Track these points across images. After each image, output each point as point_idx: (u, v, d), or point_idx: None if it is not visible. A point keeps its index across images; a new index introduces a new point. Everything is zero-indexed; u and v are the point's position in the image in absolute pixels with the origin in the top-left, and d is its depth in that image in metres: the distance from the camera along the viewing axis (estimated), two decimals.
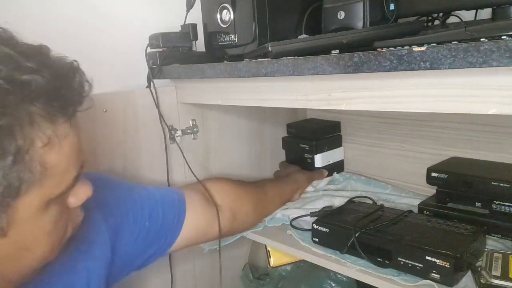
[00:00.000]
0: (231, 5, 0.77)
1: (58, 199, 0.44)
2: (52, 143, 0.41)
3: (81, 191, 0.48)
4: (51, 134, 0.41)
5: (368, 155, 1.08)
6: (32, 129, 0.39)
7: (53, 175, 0.42)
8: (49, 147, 0.40)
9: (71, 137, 0.43)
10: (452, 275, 0.61)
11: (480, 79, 0.44)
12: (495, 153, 0.86)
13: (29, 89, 0.39)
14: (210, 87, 0.79)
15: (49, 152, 0.41)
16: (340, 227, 0.74)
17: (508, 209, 0.73)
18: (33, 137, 0.39)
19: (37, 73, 0.39)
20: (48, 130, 0.40)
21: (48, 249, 0.47)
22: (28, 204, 0.41)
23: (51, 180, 0.42)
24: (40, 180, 0.41)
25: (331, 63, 0.53)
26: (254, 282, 1.04)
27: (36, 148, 0.39)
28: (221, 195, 0.80)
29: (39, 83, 0.39)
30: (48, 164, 0.41)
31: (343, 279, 0.92)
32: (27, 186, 0.40)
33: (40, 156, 0.40)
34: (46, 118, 0.40)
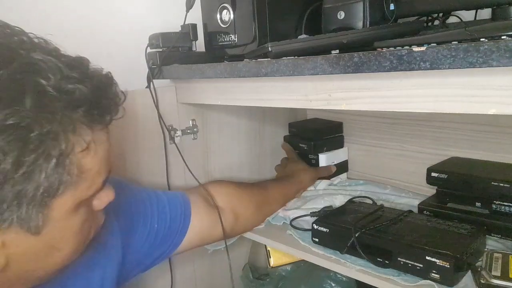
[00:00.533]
0: (231, 5, 0.77)
1: (87, 201, 0.47)
2: (89, 149, 0.44)
3: (104, 194, 0.51)
4: (90, 140, 0.44)
5: (368, 155, 1.08)
6: (74, 135, 0.42)
7: (86, 178, 0.45)
8: (87, 152, 0.44)
9: (105, 144, 0.47)
10: (452, 275, 0.61)
11: (480, 79, 0.44)
12: (495, 153, 0.86)
13: (73, 98, 0.42)
14: (210, 87, 0.79)
15: (86, 157, 0.44)
16: (340, 227, 0.74)
17: (508, 209, 0.73)
18: (74, 142, 0.42)
19: (80, 83, 0.42)
20: (87, 136, 0.44)
21: (75, 249, 0.49)
22: (63, 204, 0.44)
23: (85, 182, 0.45)
24: (76, 182, 0.43)
25: (331, 63, 0.53)
26: (254, 282, 1.04)
27: (75, 152, 0.42)
28: (223, 197, 0.82)
29: (82, 92, 0.42)
30: (83, 167, 0.44)
31: (343, 279, 0.92)
32: (64, 188, 0.42)
33: (78, 160, 0.43)
34: (86, 125, 0.44)
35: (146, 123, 0.83)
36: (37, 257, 0.46)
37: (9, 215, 0.40)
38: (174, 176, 0.89)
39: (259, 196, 0.89)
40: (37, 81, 0.40)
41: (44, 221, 0.43)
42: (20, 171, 0.38)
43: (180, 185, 0.90)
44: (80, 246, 0.50)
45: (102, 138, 0.46)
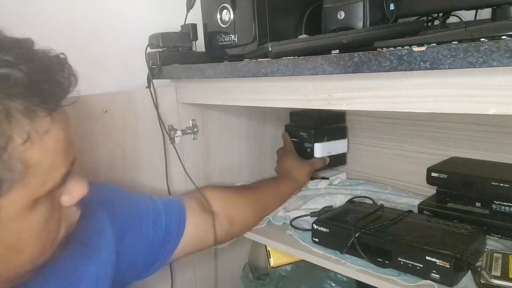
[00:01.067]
0: (231, 5, 0.77)
1: (47, 197, 0.43)
2: (32, 139, 0.39)
3: (74, 188, 0.47)
4: (31, 130, 0.39)
5: (368, 155, 1.08)
6: (9, 125, 0.37)
7: (36, 173, 0.40)
8: (30, 143, 0.39)
9: (54, 133, 0.42)
10: (452, 275, 0.61)
11: (480, 79, 0.44)
12: (495, 153, 0.86)
13: (6, 84, 0.37)
14: (210, 87, 0.79)
15: (30, 149, 0.39)
16: (340, 227, 0.74)
17: (508, 209, 0.73)
18: (11, 133, 0.37)
19: (14, 66, 0.38)
20: (27, 125, 0.39)
21: (38, 250, 0.45)
22: (12, 203, 0.40)
23: (35, 178, 0.40)
24: (22, 178, 0.39)
25: (331, 63, 0.53)
26: (254, 282, 1.04)
27: (15, 145, 0.38)
28: (217, 202, 0.81)
29: (17, 77, 0.38)
30: (29, 161, 0.39)
31: (343, 279, 0.92)
32: (8, 185, 0.38)
33: (20, 153, 0.38)
34: (24, 114, 0.38)
35: (147, 123, 0.83)
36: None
37: None
38: (174, 176, 0.89)
39: (255, 198, 0.88)
40: None
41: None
42: None
43: (181, 185, 0.90)
44: (46, 246, 0.46)
45: (49, 127, 0.41)
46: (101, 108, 0.77)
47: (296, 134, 1.10)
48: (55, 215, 0.46)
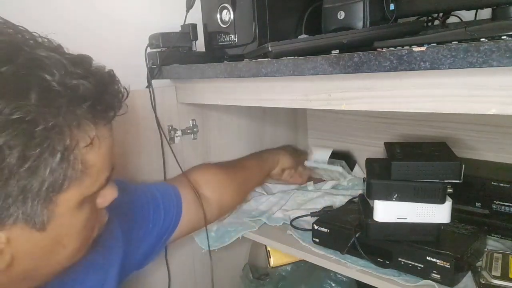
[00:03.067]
0: (231, 5, 0.77)
1: (91, 198, 0.47)
2: (93, 144, 0.44)
3: (108, 192, 0.51)
4: (94, 136, 0.44)
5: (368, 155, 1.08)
6: (78, 130, 0.42)
7: (91, 174, 0.45)
8: (91, 147, 0.44)
9: (108, 139, 0.47)
10: (452, 275, 0.61)
11: (480, 79, 0.44)
12: (495, 153, 0.86)
13: (77, 93, 0.42)
14: (210, 87, 0.79)
15: (90, 152, 0.44)
16: (341, 228, 0.74)
17: (508, 209, 0.73)
18: (79, 137, 0.42)
19: (84, 79, 0.43)
20: (91, 131, 0.44)
21: (79, 246, 0.49)
22: (68, 200, 0.44)
23: (89, 178, 0.45)
24: (80, 178, 0.44)
25: (331, 63, 0.53)
26: (254, 282, 1.04)
27: (80, 147, 0.43)
28: (209, 187, 0.84)
29: (86, 88, 0.43)
30: (88, 163, 0.44)
31: (343, 279, 0.92)
32: (69, 183, 0.43)
33: (83, 155, 0.43)
34: (90, 121, 0.44)
35: (147, 123, 0.83)
36: (42, 254, 0.45)
37: (14, 210, 0.40)
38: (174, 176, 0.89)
39: (240, 177, 0.91)
40: (42, 77, 0.40)
41: (49, 217, 0.43)
42: (25, 165, 0.38)
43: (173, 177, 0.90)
44: (84, 244, 0.50)
45: (106, 134, 0.46)
46: None
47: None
48: (94, 215, 0.50)
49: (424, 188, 0.63)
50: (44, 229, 0.43)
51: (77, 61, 0.44)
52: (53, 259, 0.47)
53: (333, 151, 1.08)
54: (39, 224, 0.42)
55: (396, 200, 0.65)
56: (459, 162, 0.63)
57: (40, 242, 0.44)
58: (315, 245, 0.78)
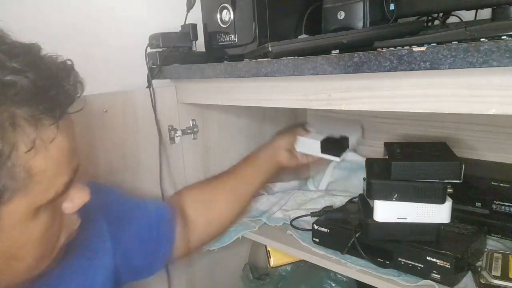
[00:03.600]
0: (231, 5, 0.77)
1: (49, 205, 0.42)
2: (37, 148, 0.39)
3: (76, 196, 0.46)
4: (36, 138, 0.38)
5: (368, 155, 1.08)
6: (14, 132, 0.37)
7: (40, 181, 0.40)
8: (34, 152, 0.38)
9: (59, 141, 0.41)
10: (452, 275, 0.61)
11: (480, 79, 0.44)
12: (495, 153, 0.86)
13: (12, 91, 0.37)
14: (210, 87, 0.79)
15: (34, 157, 0.39)
16: (341, 228, 0.74)
17: (508, 209, 0.73)
18: (16, 141, 0.37)
19: (21, 73, 0.37)
20: (32, 134, 0.38)
21: (37, 258, 0.45)
22: (13, 211, 0.39)
23: (38, 186, 0.40)
24: (25, 186, 0.39)
25: (331, 63, 0.53)
26: (254, 282, 1.04)
27: (19, 153, 0.37)
28: (194, 206, 0.78)
29: (23, 84, 0.37)
30: (33, 169, 0.39)
31: (343, 279, 0.92)
32: (10, 194, 0.38)
33: (25, 161, 0.38)
34: (30, 121, 0.38)
35: (147, 123, 0.83)
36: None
37: None
38: (174, 176, 0.89)
39: (232, 187, 0.83)
40: None
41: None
42: None
43: (180, 185, 0.90)
44: (45, 255, 0.45)
45: (54, 135, 0.40)
46: (101, 108, 0.77)
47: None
48: (56, 223, 0.45)
49: (424, 188, 0.63)
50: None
51: (18, 52, 0.39)
52: (8, 273, 0.43)
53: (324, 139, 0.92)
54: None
55: (396, 200, 0.65)
56: (459, 162, 0.63)
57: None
58: (315, 245, 0.78)
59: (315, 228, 0.77)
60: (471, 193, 0.77)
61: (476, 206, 0.77)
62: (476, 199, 0.77)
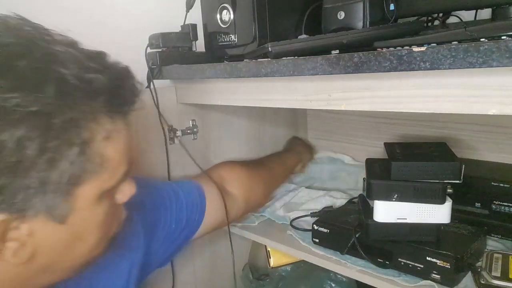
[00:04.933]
0: (231, 5, 0.77)
1: (110, 193, 0.48)
2: (110, 138, 0.45)
3: (126, 188, 0.51)
4: (111, 129, 0.45)
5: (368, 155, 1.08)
6: (95, 123, 0.43)
7: (108, 168, 0.45)
8: (108, 141, 0.44)
9: (125, 133, 0.48)
10: (452, 275, 0.61)
11: (480, 79, 0.44)
12: (495, 153, 0.86)
13: (93, 87, 0.42)
14: (210, 87, 0.79)
15: (107, 146, 0.44)
16: (341, 228, 0.74)
17: (508, 209, 0.73)
18: (96, 131, 0.43)
19: (100, 73, 0.43)
20: (108, 125, 0.44)
21: (98, 241, 0.49)
22: (86, 193, 0.44)
23: (107, 172, 0.45)
24: (98, 171, 0.44)
25: (331, 63, 0.53)
26: (254, 282, 1.04)
27: (97, 141, 0.43)
28: (236, 185, 0.84)
29: (101, 82, 0.43)
30: (105, 156, 0.44)
31: (343, 280, 0.91)
32: (87, 176, 0.43)
33: (100, 149, 0.44)
34: (107, 114, 0.44)
35: (146, 123, 0.83)
36: (62, 248, 0.46)
37: (35, 202, 0.41)
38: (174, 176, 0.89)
39: (266, 176, 0.93)
40: (58, 70, 0.41)
41: (69, 210, 0.43)
42: (44, 157, 0.39)
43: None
44: (103, 240, 0.50)
45: (123, 129, 0.47)
46: None
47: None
48: (112, 211, 0.50)
49: (424, 188, 0.63)
50: (64, 222, 0.44)
51: (92, 56, 0.45)
52: (72, 254, 0.48)
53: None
54: (59, 217, 0.43)
55: (396, 200, 0.65)
56: (459, 162, 0.63)
57: (60, 235, 0.45)
58: (315, 245, 0.78)
59: (315, 229, 0.77)
60: (471, 193, 0.77)
61: (476, 206, 0.77)
62: (476, 199, 0.77)
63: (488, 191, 0.75)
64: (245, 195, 0.85)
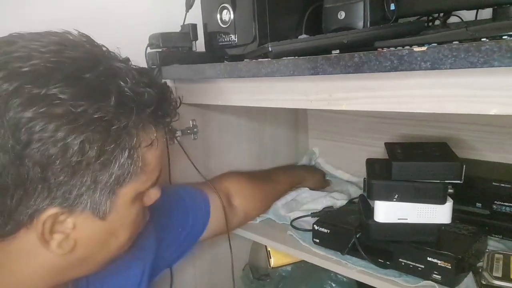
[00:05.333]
0: (231, 5, 0.76)
1: (141, 195, 0.52)
2: (152, 145, 0.50)
3: (153, 192, 0.55)
4: (153, 137, 0.50)
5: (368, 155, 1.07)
6: (143, 131, 0.48)
7: (147, 172, 0.50)
8: (150, 147, 0.49)
9: (162, 143, 0.52)
10: (453, 276, 0.61)
11: (481, 79, 0.44)
12: (495, 153, 0.86)
13: (144, 99, 0.47)
14: (210, 87, 0.79)
15: (148, 152, 0.49)
16: (341, 228, 0.74)
17: (509, 210, 0.73)
18: (142, 138, 0.48)
19: (149, 87, 0.48)
20: (152, 133, 0.50)
21: (128, 239, 0.53)
22: (126, 193, 0.49)
23: (144, 175, 0.50)
24: (139, 174, 0.49)
25: (332, 63, 0.53)
26: (254, 282, 1.04)
27: (142, 147, 0.48)
28: (241, 198, 0.88)
29: (150, 95, 0.48)
30: (146, 161, 0.49)
31: (344, 280, 0.91)
32: (130, 178, 0.48)
33: (143, 154, 0.49)
34: (152, 124, 0.50)
35: None
36: (98, 242, 0.50)
37: (85, 199, 0.45)
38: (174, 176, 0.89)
39: (268, 190, 0.95)
40: (118, 83, 0.46)
41: (110, 208, 0.48)
42: (100, 159, 0.44)
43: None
44: (132, 237, 0.54)
45: (162, 137, 0.52)
46: None
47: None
48: (141, 212, 0.54)
49: (425, 188, 0.63)
50: (104, 219, 0.48)
51: (143, 71, 0.50)
52: (106, 248, 0.51)
53: None
54: (101, 213, 0.47)
55: (396, 200, 0.65)
56: (460, 162, 0.62)
57: (99, 230, 0.49)
58: (315, 245, 0.78)
59: (316, 229, 0.77)
60: (472, 194, 0.77)
61: (477, 206, 0.77)
62: (477, 199, 0.76)
63: (489, 191, 0.75)
64: (247, 209, 0.88)
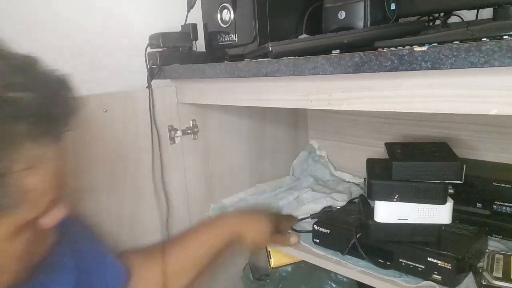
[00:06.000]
0: (231, 5, 0.76)
1: (31, 222, 0.41)
2: (33, 167, 0.38)
3: (56, 211, 0.44)
4: (35, 157, 0.38)
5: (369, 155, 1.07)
6: (14, 150, 0.36)
7: (30, 199, 0.39)
8: (29, 170, 0.38)
9: (56, 160, 0.40)
10: (454, 276, 0.61)
11: (482, 79, 0.44)
12: (496, 154, 0.86)
13: (16, 108, 0.36)
14: (210, 87, 0.79)
15: (28, 176, 0.38)
16: (341, 228, 0.74)
17: (509, 210, 0.73)
18: (14, 159, 0.36)
19: (26, 90, 0.37)
20: (31, 152, 0.37)
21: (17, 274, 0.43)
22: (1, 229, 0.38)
23: (28, 204, 0.39)
24: (15, 205, 0.38)
25: (332, 63, 0.53)
26: (254, 282, 1.04)
27: (15, 171, 0.36)
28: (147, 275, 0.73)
29: (27, 102, 0.36)
30: (27, 187, 0.38)
31: (344, 280, 0.91)
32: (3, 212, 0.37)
33: (19, 179, 0.37)
34: (31, 140, 0.37)
35: (147, 123, 0.83)
36: None
37: None
38: (174, 176, 0.89)
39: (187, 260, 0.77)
40: None
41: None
42: None
43: (180, 185, 0.90)
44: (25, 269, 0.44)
45: (51, 154, 0.40)
46: (101, 108, 0.77)
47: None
48: (37, 238, 0.44)
49: (425, 188, 0.63)
50: None
51: (22, 66, 0.38)
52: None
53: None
54: None
55: (397, 200, 0.64)
56: (460, 162, 0.62)
57: None
58: (315, 245, 0.77)
59: (316, 229, 0.77)
60: (472, 194, 0.77)
61: (477, 206, 0.76)
62: (477, 199, 0.76)
63: (489, 191, 0.75)
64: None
